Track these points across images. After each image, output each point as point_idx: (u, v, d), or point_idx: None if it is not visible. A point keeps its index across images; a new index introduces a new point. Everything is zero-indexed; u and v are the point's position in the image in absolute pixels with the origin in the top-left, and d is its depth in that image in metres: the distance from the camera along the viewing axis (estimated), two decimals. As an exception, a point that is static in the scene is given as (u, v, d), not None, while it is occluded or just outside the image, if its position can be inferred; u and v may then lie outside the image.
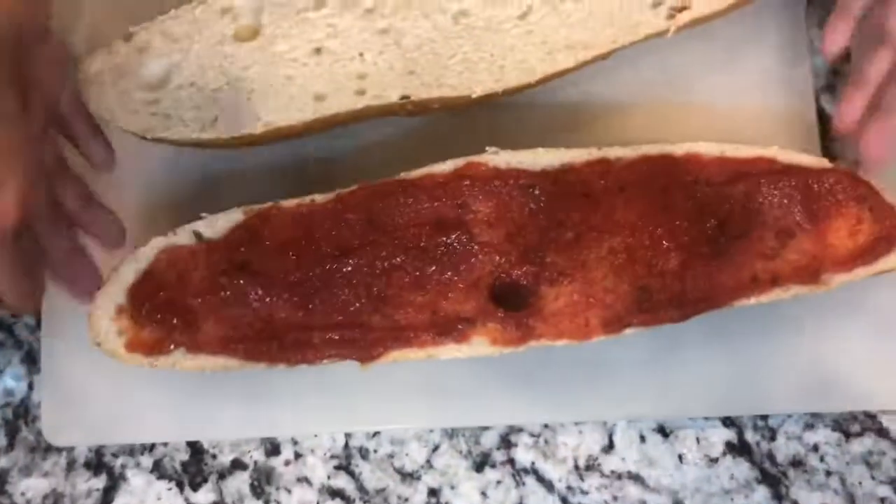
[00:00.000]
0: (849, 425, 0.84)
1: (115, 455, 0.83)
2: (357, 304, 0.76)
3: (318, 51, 0.79)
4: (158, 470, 0.82)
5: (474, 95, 0.78)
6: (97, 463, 0.82)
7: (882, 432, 0.84)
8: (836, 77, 0.90)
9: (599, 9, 0.79)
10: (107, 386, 0.81)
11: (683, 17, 0.79)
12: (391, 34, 0.79)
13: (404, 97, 0.78)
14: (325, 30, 0.79)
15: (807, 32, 0.90)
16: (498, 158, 0.78)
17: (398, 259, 0.76)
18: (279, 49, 0.79)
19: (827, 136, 0.89)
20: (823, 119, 0.89)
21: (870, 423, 0.84)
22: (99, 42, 0.79)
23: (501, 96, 0.80)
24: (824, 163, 0.81)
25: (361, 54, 0.79)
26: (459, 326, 0.76)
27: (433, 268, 0.76)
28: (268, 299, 0.76)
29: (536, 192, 0.77)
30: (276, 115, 0.78)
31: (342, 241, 0.77)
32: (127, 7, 0.82)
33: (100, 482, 0.82)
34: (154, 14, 0.79)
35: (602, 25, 0.79)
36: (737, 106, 0.88)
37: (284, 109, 0.78)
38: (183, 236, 0.78)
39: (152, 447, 0.83)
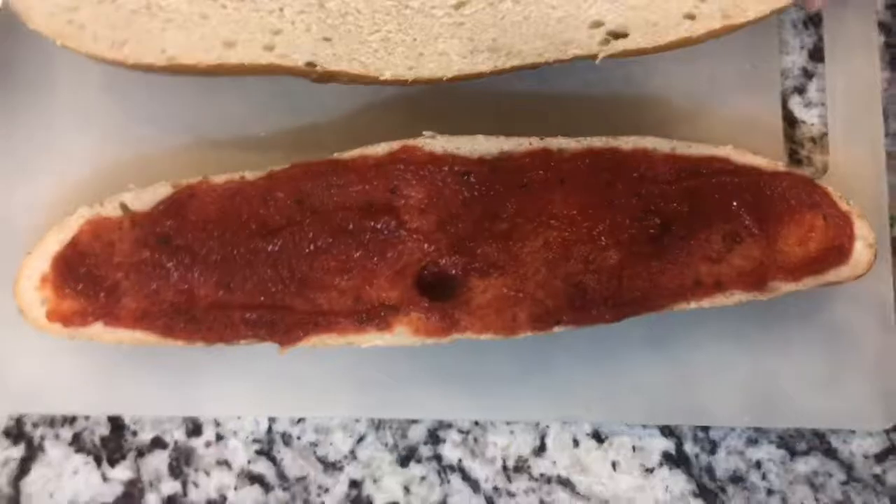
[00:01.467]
0: (795, 443, 0.80)
1: (35, 425, 0.82)
2: (279, 286, 0.74)
3: None
4: (77, 443, 0.81)
5: (382, 77, 0.75)
6: (17, 432, 0.81)
7: (829, 452, 0.80)
8: (807, 78, 0.86)
9: (536, 15, 0.76)
10: (31, 355, 0.80)
11: (617, 45, 0.75)
12: None
13: (310, 64, 0.75)
14: None
15: (778, 31, 0.86)
16: (434, 143, 0.76)
17: (324, 241, 0.74)
18: None
19: (794, 139, 0.85)
20: (791, 122, 0.85)
21: (817, 442, 0.80)
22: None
23: (409, 84, 0.76)
24: (778, 165, 0.77)
25: (281, 9, 0.76)
26: (382, 314, 0.73)
27: (359, 252, 0.74)
28: (188, 275, 0.74)
29: (472, 179, 0.75)
30: (182, 52, 0.75)
31: (269, 219, 0.75)
32: None
33: (17, 451, 0.81)
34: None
35: (533, 35, 0.76)
36: (696, 102, 0.84)
37: (192, 48, 0.75)
38: (109, 207, 0.76)
39: (73, 420, 0.82)
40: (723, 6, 0.74)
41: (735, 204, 0.75)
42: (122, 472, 0.80)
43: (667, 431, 0.81)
